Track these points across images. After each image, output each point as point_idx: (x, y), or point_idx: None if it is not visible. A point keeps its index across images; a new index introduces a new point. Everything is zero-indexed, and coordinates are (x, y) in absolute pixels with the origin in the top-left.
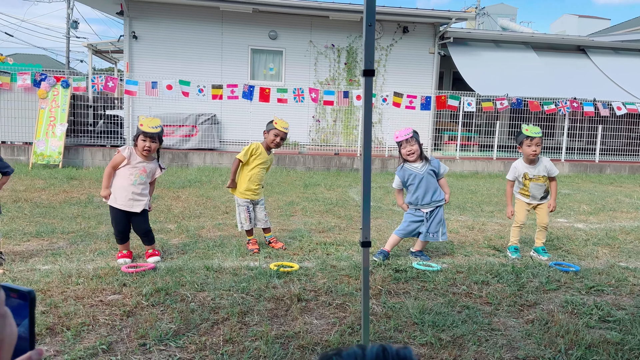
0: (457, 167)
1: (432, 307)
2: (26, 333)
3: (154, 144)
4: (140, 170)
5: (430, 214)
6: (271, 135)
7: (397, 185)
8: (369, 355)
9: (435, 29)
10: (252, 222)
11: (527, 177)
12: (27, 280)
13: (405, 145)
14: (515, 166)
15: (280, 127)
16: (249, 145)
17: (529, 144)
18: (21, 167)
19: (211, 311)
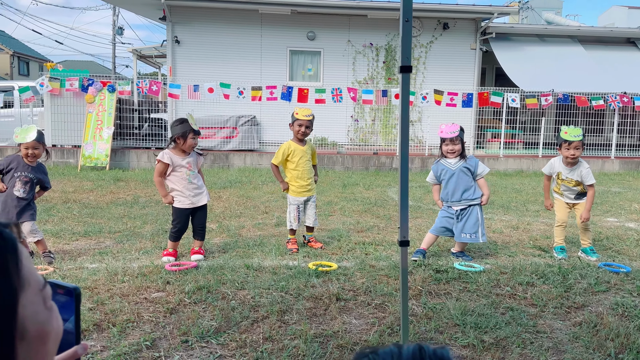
0: (501, 166)
1: (475, 308)
2: (72, 328)
3: (197, 142)
4: (187, 167)
5: (462, 213)
6: (296, 127)
7: (430, 179)
8: (406, 353)
9: (477, 24)
10: (299, 222)
11: (560, 177)
12: (75, 278)
13: (448, 144)
14: (552, 162)
15: (302, 116)
16: (280, 147)
17: (567, 147)
18: (70, 169)
19: (251, 309)
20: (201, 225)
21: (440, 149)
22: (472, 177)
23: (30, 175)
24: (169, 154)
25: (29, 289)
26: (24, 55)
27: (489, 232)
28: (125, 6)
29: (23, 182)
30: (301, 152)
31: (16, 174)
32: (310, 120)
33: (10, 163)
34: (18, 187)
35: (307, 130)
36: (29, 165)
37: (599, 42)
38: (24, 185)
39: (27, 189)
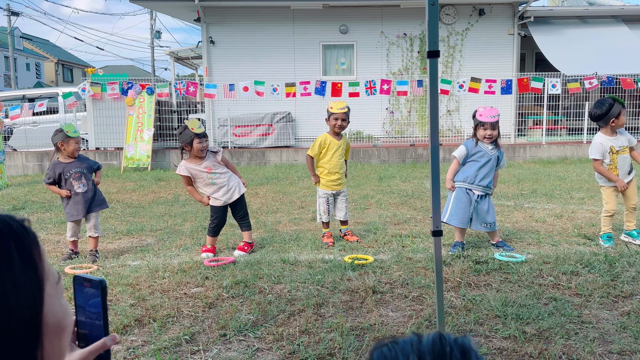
0: (543, 153)
1: (516, 299)
2: (100, 320)
3: (207, 142)
4: (206, 171)
5: (481, 201)
6: (332, 121)
7: (459, 155)
8: (425, 342)
9: (514, 8)
10: (330, 214)
11: (613, 151)
12: (118, 276)
13: (487, 128)
14: (600, 142)
15: (337, 109)
16: (316, 139)
17: (624, 112)
18: (113, 170)
19: (288, 303)
20: (241, 217)
21: (475, 132)
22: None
23: (78, 170)
24: (185, 165)
25: (48, 281)
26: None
27: (532, 221)
28: (162, 9)
29: (76, 178)
30: (335, 146)
31: (66, 176)
32: (346, 112)
33: (55, 171)
34: (76, 185)
35: (343, 123)
36: (71, 162)
37: None
38: (79, 180)
39: (84, 181)
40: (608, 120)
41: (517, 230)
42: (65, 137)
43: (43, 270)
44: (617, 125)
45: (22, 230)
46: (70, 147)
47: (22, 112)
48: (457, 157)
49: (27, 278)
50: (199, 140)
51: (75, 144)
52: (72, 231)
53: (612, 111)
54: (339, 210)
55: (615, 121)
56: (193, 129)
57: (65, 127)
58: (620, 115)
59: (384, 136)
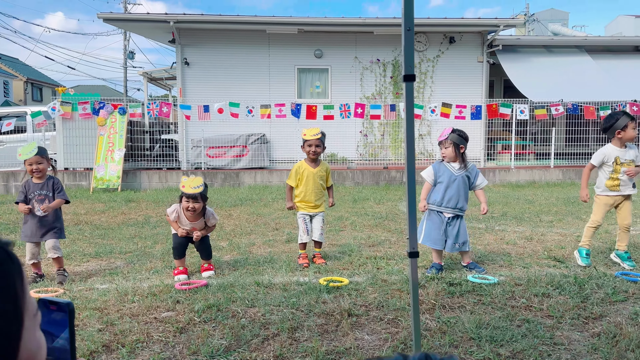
0: (512, 177)
1: (490, 321)
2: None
3: (198, 204)
4: (191, 228)
5: (451, 222)
6: (306, 148)
7: (427, 177)
8: None
9: (483, 37)
10: (309, 234)
11: (618, 162)
12: (85, 299)
13: (441, 147)
14: (604, 151)
15: (310, 135)
16: (293, 167)
17: (633, 126)
18: (82, 191)
19: (261, 327)
20: (203, 246)
21: None
22: (469, 187)
23: (43, 192)
24: (178, 212)
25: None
26: (38, 82)
27: (503, 244)
28: (136, 30)
29: (38, 201)
30: (310, 174)
31: (30, 196)
32: (319, 138)
33: (25, 189)
34: (36, 207)
35: (317, 149)
36: (39, 183)
37: (607, 52)
38: (41, 203)
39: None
40: (614, 132)
41: (489, 253)
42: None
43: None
44: (624, 137)
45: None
46: (27, 169)
47: None
48: (424, 177)
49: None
50: (187, 200)
51: (28, 165)
52: (30, 253)
53: (617, 123)
54: (314, 230)
55: (622, 133)
56: (184, 186)
57: (19, 150)
58: (628, 127)
59: (358, 159)
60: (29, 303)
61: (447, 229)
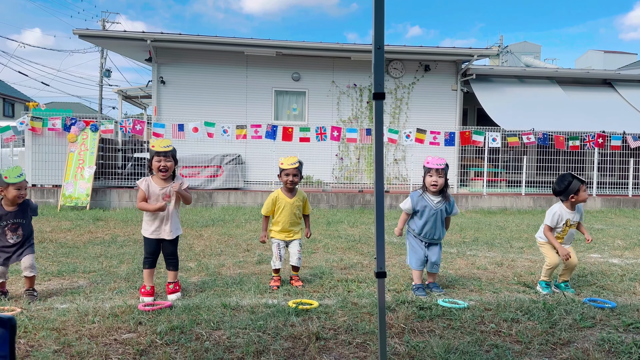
0: (484, 204)
1: (458, 346)
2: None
3: (169, 162)
4: (163, 197)
5: (430, 246)
6: (283, 177)
7: (405, 207)
8: None
9: (457, 66)
10: (282, 260)
11: (568, 224)
12: (43, 319)
13: (433, 174)
14: (558, 213)
15: (287, 165)
16: (269, 197)
17: (584, 189)
18: (50, 209)
19: (225, 350)
20: (170, 254)
21: (424, 181)
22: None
23: (18, 220)
24: (148, 181)
25: None
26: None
27: (473, 269)
28: (113, 48)
29: (12, 229)
30: (286, 204)
31: (2, 223)
32: (297, 167)
33: None
34: (10, 235)
35: (295, 179)
36: (12, 211)
37: (577, 84)
38: (14, 232)
39: (20, 232)
40: (568, 195)
41: (460, 277)
42: (4, 184)
43: None
44: (577, 200)
45: None
46: (10, 194)
47: None
48: (403, 208)
49: None
50: (158, 159)
51: (16, 189)
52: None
53: (571, 187)
54: (291, 255)
55: (575, 197)
56: (154, 146)
57: (5, 172)
58: (580, 191)
59: (333, 182)
60: None
61: (427, 251)
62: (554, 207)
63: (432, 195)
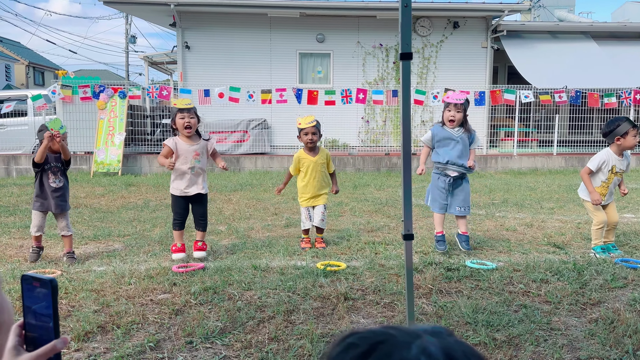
0: (514, 164)
1: (486, 306)
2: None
3: (193, 119)
4: (193, 155)
5: (455, 184)
6: (302, 136)
7: (426, 140)
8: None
9: (487, 22)
10: (311, 221)
11: (614, 171)
12: (82, 281)
13: (451, 109)
14: (604, 157)
15: (305, 124)
16: (294, 157)
17: (634, 133)
18: (83, 175)
19: (257, 309)
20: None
21: (442, 115)
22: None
23: (59, 164)
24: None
25: None
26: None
27: (502, 230)
28: (137, 13)
29: (54, 172)
30: (309, 163)
31: (46, 166)
32: (314, 125)
33: None
34: (52, 179)
35: (314, 137)
36: (53, 155)
37: (613, 38)
38: (55, 175)
39: (60, 177)
40: (613, 137)
41: (488, 239)
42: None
43: None
44: (623, 145)
45: None
46: (54, 145)
47: None
48: (423, 141)
49: None
50: (181, 115)
51: (57, 137)
52: (37, 226)
53: (618, 129)
54: (315, 216)
55: (622, 140)
56: (176, 104)
57: (49, 124)
58: (628, 135)
59: (359, 145)
60: None
61: (453, 191)
62: (601, 152)
63: (451, 129)
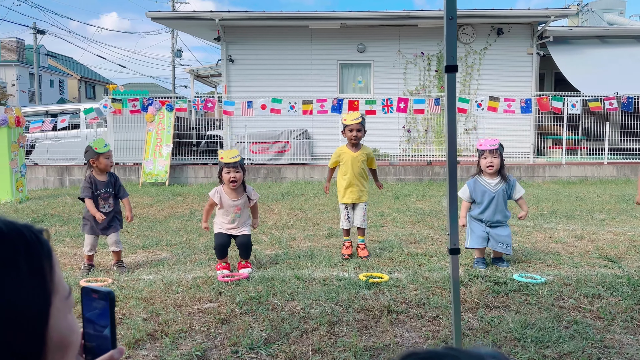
0: (563, 174)
1: (535, 321)
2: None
3: (238, 173)
4: (234, 210)
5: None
6: (347, 132)
7: (463, 195)
8: None
9: (533, 28)
10: (349, 222)
11: None
12: (132, 289)
13: (487, 156)
14: None
15: (350, 120)
16: (335, 151)
17: None
18: (132, 185)
19: (301, 320)
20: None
21: (478, 164)
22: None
23: (108, 190)
24: (219, 192)
25: (57, 295)
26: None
27: (551, 242)
28: (183, 29)
29: (104, 198)
30: (350, 158)
31: (96, 193)
32: (360, 122)
33: (91, 184)
34: (102, 204)
35: (358, 134)
36: (104, 181)
37: None
38: (106, 200)
39: (111, 202)
40: None
41: (537, 251)
42: (94, 154)
43: (53, 283)
44: None
45: (35, 240)
46: (101, 164)
47: (43, 126)
48: (461, 197)
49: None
50: (227, 170)
51: (105, 159)
52: (90, 245)
53: None
54: (356, 216)
55: None
56: (222, 158)
57: (93, 144)
58: None
59: (400, 154)
60: (59, 285)
61: (491, 231)
62: None
63: (489, 178)
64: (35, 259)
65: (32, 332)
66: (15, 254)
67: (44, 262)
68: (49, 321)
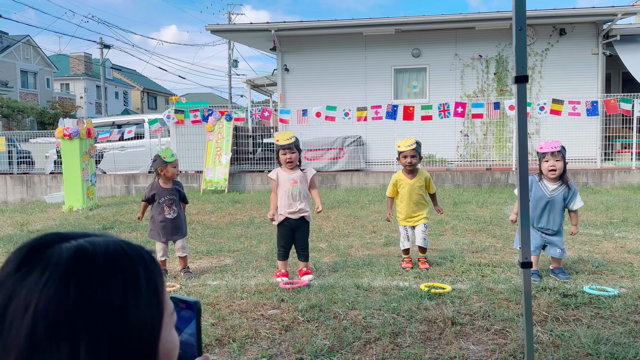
0: (634, 179)
1: (609, 336)
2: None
3: (294, 154)
4: (291, 184)
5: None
6: (402, 159)
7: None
8: None
9: (598, 27)
10: (409, 241)
11: None
12: (199, 295)
13: (549, 159)
14: None
15: (404, 147)
16: (392, 178)
17: None
18: (194, 193)
19: (363, 330)
20: (302, 246)
21: (540, 168)
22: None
23: (173, 197)
24: (277, 171)
25: (166, 311)
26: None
27: (623, 252)
28: (239, 40)
29: (169, 205)
30: (407, 185)
31: (160, 200)
32: (414, 148)
33: (152, 191)
34: (167, 211)
35: (413, 160)
36: (168, 189)
37: None
38: (170, 207)
39: (175, 208)
40: None
41: (608, 262)
42: (163, 163)
43: (164, 301)
44: None
45: (151, 260)
46: (169, 172)
47: (110, 137)
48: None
49: (151, 306)
50: (283, 152)
51: (172, 167)
52: (162, 251)
53: None
54: (417, 235)
55: None
56: (278, 140)
57: (162, 153)
58: None
59: (458, 159)
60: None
61: (547, 238)
62: None
63: (549, 182)
64: (152, 278)
65: (148, 347)
66: (137, 274)
67: (158, 281)
68: (160, 337)
